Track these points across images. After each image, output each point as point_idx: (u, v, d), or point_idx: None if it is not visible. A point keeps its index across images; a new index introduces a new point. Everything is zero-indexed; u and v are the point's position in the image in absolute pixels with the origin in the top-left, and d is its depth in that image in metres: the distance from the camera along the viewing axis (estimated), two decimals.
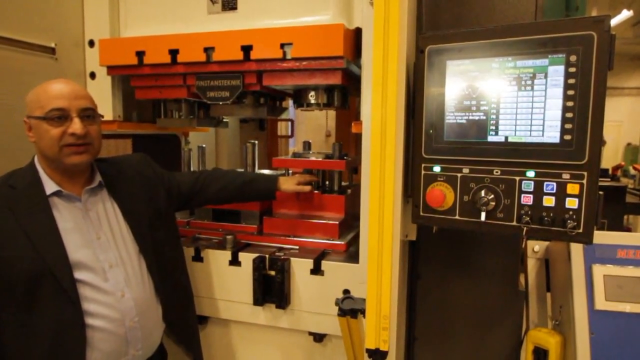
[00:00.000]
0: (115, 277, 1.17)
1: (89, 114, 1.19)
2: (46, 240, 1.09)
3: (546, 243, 1.53)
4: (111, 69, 1.70)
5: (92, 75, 1.77)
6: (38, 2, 1.65)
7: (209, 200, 1.59)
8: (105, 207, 1.24)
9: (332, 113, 4.58)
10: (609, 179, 4.73)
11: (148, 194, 1.35)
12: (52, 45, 1.70)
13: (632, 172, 7.03)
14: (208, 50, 1.52)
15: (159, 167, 1.49)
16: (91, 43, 1.76)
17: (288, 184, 1.60)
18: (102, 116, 1.29)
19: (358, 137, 1.80)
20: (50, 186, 1.15)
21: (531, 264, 1.54)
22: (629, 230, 4.65)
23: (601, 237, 1.27)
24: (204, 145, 1.96)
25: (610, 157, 10.20)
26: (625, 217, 4.74)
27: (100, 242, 1.18)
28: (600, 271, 1.29)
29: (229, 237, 1.61)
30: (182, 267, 1.45)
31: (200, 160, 1.97)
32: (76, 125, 1.15)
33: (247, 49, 1.48)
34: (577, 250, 1.33)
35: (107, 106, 1.76)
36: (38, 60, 1.66)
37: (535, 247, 1.53)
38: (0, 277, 1.06)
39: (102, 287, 1.14)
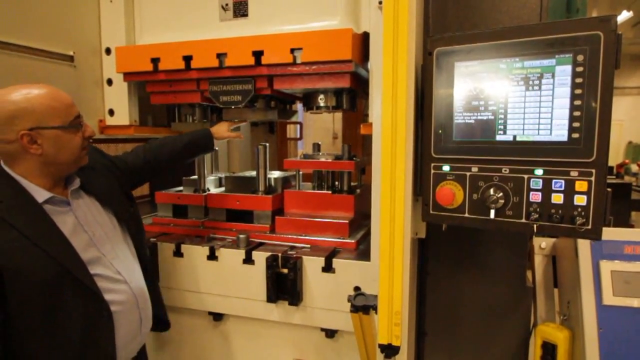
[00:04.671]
0: (119, 266, 1.23)
1: None
2: (56, 245, 1.10)
3: (553, 240, 1.54)
4: (127, 76, 1.75)
5: (109, 82, 1.82)
6: (57, 12, 1.70)
7: (160, 165, 1.61)
8: (87, 204, 1.26)
9: (338, 116, 4.62)
10: (614, 177, 4.71)
11: (113, 180, 1.39)
12: (71, 53, 1.76)
13: (634, 169, 6.93)
14: (220, 56, 1.56)
15: (107, 154, 1.51)
16: (108, 51, 1.81)
17: (221, 132, 1.71)
18: None
19: (365, 138, 1.83)
20: (40, 194, 1.13)
21: (538, 261, 1.55)
22: (632, 227, 4.61)
23: (608, 233, 1.26)
24: (216, 148, 2.00)
25: (611, 156, 10.05)
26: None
27: (97, 239, 1.21)
28: (607, 267, 1.31)
29: (242, 236, 1.64)
30: (144, 241, 1.51)
31: (213, 161, 2.02)
32: (90, 129, 1.22)
33: (258, 54, 1.51)
34: (584, 246, 1.34)
35: (123, 111, 1.81)
36: (57, 67, 1.71)
37: (542, 244, 1.54)
38: (17, 288, 1.04)
39: (115, 277, 1.20)
